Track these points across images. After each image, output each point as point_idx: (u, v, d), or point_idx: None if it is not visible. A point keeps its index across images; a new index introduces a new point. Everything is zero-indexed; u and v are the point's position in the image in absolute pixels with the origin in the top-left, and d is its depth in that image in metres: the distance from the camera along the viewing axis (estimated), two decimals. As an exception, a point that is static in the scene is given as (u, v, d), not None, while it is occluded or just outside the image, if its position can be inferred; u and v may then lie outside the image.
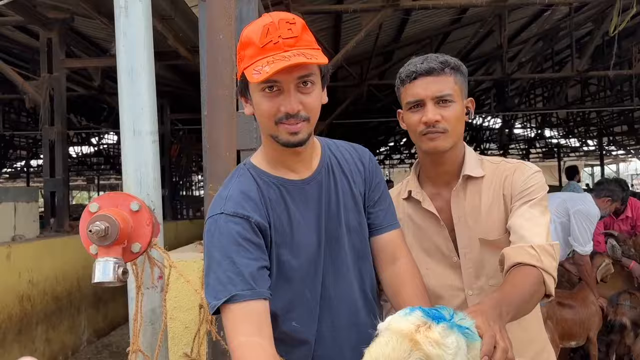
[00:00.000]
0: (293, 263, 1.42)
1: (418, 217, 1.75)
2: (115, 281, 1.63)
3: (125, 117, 1.97)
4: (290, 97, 1.32)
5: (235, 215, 1.36)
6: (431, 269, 1.71)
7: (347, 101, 10.83)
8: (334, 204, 1.50)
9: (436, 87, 1.61)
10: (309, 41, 1.35)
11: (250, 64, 1.32)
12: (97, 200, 1.74)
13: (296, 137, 1.37)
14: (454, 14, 9.48)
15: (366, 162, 1.61)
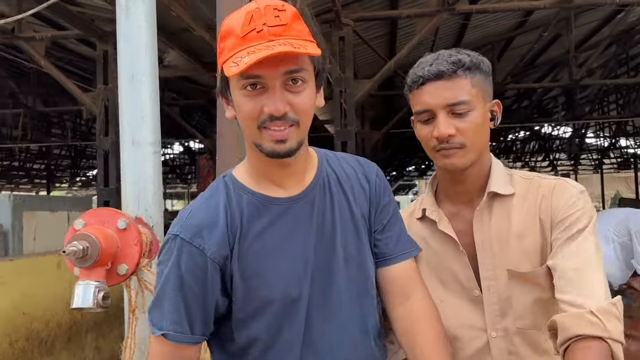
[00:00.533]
0: (266, 296, 1.19)
1: (434, 240, 1.48)
2: (95, 307, 1.48)
3: (125, 126, 1.83)
4: (275, 95, 1.11)
5: (190, 243, 1.17)
6: (447, 303, 1.44)
7: (404, 110, 10.52)
8: (329, 227, 1.26)
9: (448, 93, 1.33)
10: (300, 31, 1.13)
11: (230, 57, 1.11)
12: (83, 217, 1.61)
13: (283, 145, 1.14)
14: (518, 18, 9.04)
15: (372, 179, 1.37)
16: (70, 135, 14.67)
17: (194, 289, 1.16)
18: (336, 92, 6.47)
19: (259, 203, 1.23)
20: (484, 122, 1.38)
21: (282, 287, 1.20)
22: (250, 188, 1.25)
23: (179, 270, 1.16)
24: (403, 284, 1.34)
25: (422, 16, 6.47)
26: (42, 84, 11.31)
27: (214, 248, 1.16)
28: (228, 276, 1.19)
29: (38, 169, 22.04)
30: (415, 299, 1.33)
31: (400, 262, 1.34)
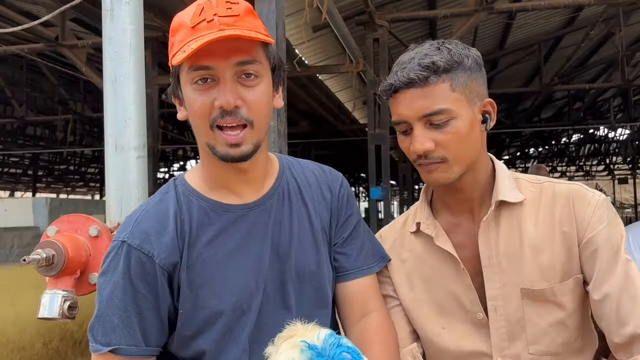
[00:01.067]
0: (215, 306, 1.11)
1: (430, 257, 1.30)
2: (60, 317, 1.44)
3: (109, 130, 1.78)
4: (226, 87, 1.03)
5: (138, 249, 1.09)
6: (448, 329, 1.27)
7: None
8: (286, 237, 1.18)
9: (422, 102, 1.15)
10: (253, 24, 1.06)
11: (179, 49, 1.04)
12: (56, 223, 1.57)
13: (237, 149, 1.06)
14: (566, 15, 8.69)
15: (335, 189, 1.27)
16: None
17: (147, 297, 1.09)
18: (370, 95, 6.36)
19: (210, 209, 1.15)
20: (471, 129, 1.18)
21: (233, 298, 1.11)
22: (201, 193, 1.17)
23: (129, 279, 1.08)
24: (361, 301, 1.24)
25: (459, 16, 6.28)
26: (91, 91, 11.68)
27: (163, 254, 1.09)
28: (175, 286, 1.11)
29: (92, 173, 22.81)
30: (373, 316, 1.23)
31: (359, 277, 1.24)
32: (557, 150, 22.12)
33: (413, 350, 1.29)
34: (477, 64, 1.22)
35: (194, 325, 1.12)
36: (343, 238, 1.25)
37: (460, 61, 1.18)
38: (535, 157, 23.41)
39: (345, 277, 1.24)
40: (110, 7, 1.80)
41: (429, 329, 1.29)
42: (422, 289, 1.31)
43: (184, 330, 1.13)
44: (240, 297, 1.12)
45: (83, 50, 7.34)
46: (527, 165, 24.23)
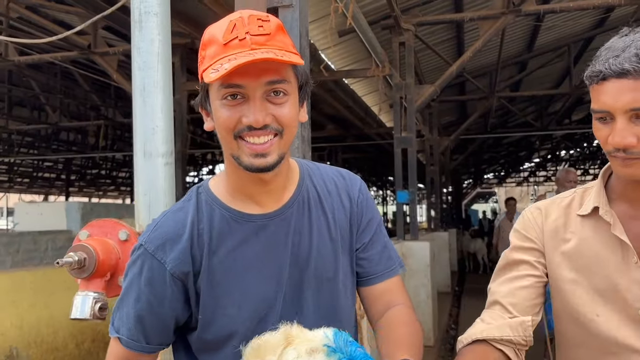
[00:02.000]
0: (235, 316, 1.14)
1: (598, 244, 1.27)
2: (91, 318, 1.49)
3: (137, 137, 1.85)
4: (255, 106, 1.05)
5: (152, 255, 1.13)
6: (603, 317, 1.25)
7: (474, 115, 10.21)
8: (305, 246, 1.20)
9: (632, 96, 1.11)
10: (283, 42, 1.08)
11: (210, 65, 1.06)
12: (87, 227, 1.63)
13: (263, 160, 1.08)
14: (596, 16, 8.56)
15: (354, 195, 1.29)
16: (149, 145, 15.30)
17: (151, 303, 1.14)
18: (396, 98, 6.36)
19: (232, 219, 1.17)
20: None
21: (252, 307, 1.15)
22: (224, 202, 1.19)
23: (140, 282, 1.14)
24: (387, 301, 1.26)
25: (486, 19, 6.24)
26: (122, 97, 11.92)
27: (174, 263, 1.13)
28: (193, 293, 1.15)
29: (123, 177, 23.23)
30: (396, 307, 1.25)
31: (385, 280, 1.27)
32: (589, 152, 21.70)
33: (525, 323, 1.27)
34: None
35: (214, 332, 1.16)
36: (364, 243, 1.27)
37: None
38: (567, 160, 23.02)
39: (370, 281, 1.27)
40: (139, 18, 1.86)
41: (582, 312, 1.27)
42: (581, 272, 1.28)
43: (204, 334, 1.17)
44: (259, 307, 1.15)
45: (114, 58, 7.51)
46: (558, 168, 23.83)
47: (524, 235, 1.36)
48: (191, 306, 1.16)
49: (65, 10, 7.20)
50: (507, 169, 26.23)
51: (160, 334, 1.17)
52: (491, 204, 38.45)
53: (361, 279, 1.28)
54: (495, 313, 1.29)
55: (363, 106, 10.28)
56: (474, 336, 1.24)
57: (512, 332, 1.24)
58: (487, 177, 30.55)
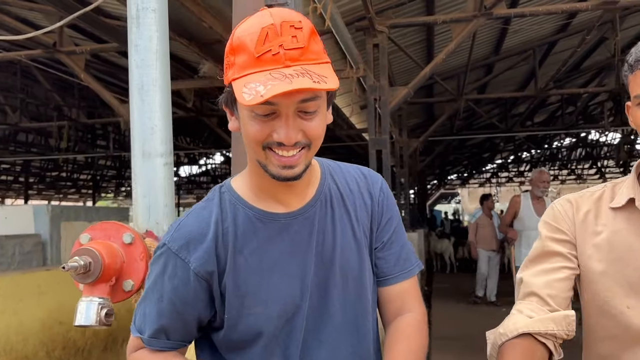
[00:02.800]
0: (261, 315, 1.13)
1: (632, 235, 1.28)
2: (97, 325, 1.44)
3: (135, 137, 1.79)
4: (288, 124, 1.03)
5: (176, 254, 1.13)
6: (633, 309, 1.25)
7: (442, 117, 10.34)
8: (329, 245, 1.19)
9: None
10: (316, 52, 1.05)
11: (241, 76, 1.02)
12: (89, 231, 1.57)
13: (291, 170, 1.07)
14: (560, 21, 8.77)
15: (375, 193, 1.28)
16: (113, 146, 14.99)
17: (174, 302, 1.13)
18: (370, 100, 6.38)
19: (256, 218, 1.16)
20: None
21: (278, 306, 1.14)
22: (247, 201, 1.18)
23: (163, 281, 1.14)
24: (399, 303, 1.27)
25: (458, 21, 6.32)
26: (85, 97, 11.63)
27: (198, 262, 1.12)
28: (218, 293, 1.13)
29: (85, 180, 22.68)
30: (404, 317, 1.25)
31: (400, 281, 1.26)
32: (550, 154, 22.27)
33: (570, 317, 1.27)
34: None
35: (241, 332, 1.15)
36: (383, 242, 1.27)
37: None
38: (528, 162, 23.58)
39: (387, 281, 1.26)
40: (137, 14, 1.80)
41: (612, 304, 1.27)
42: (612, 264, 1.28)
43: (230, 334, 1.16)
44: (285, 305, 1.14)
45: (81, 57, 7.31)
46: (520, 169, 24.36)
47: (555, 227, 1.36)
48: (216, 306, 1.14)
49: (29, 8, 6.96)
50: (471, 170, 26.69)
51: (182, 332, 1.17)
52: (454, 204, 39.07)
53: (377, 279, 1.27)
54: (534, 305, 1.28)
55: (335, 107, 10.28)
56: (519, 330, 1.22)
57: (556, 327, 1.24)
58: (451, 178, 31.02)
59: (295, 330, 1.15)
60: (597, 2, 6.13)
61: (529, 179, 5.72)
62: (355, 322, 1.21)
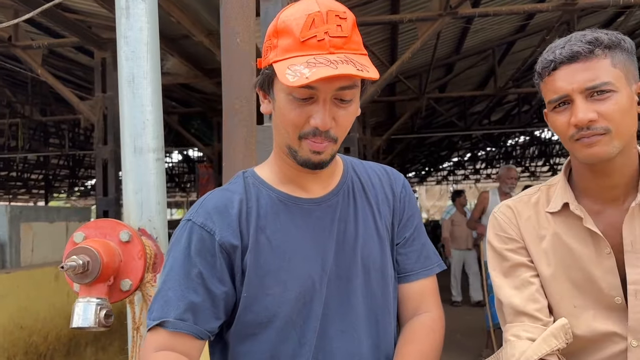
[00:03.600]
0: (279, 296, 1.12)
1: (572, 238, 1.33)
2: (96, 326, 1.38)
3: (126, 132, 1.73)
4: (325, 110, 1.06)
5: (201, 227, 1.12)
6: (580, 309, 1.31)
7: (405, 115, 10.44)
8: (351, 234, 1.20)
9: (585, 75, 1.21)
10: (357, 43, 1.09)
11: (284, 58, 1.05)
12: (83, 229, 1.50)
13: (318, 156, 1.11)
14: (519, 21, 8.97)
15: (397, 189, 1.30)
16: (68, 145, 14.54)
17: (202, 274, 1.10)
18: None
19: (279, 200, 1.18)
20: (631, 105, 1.23)
21: (297, 289, 1.13)
22: (271, 185, 1.20)
23: (189, 253, 1.11)
24: (417, 301, 1.27)
25: (424, 20, 6.39)
26: (39, 93, 11.23)
27: (223, 233, 1.12)
28: (239, 270, 1.13)
29: (36, 179, 21.92)
30: (421, 317, 1.26)
31: (420, 279, 1.27)
32: (505, 151, 22.81)
33: (566, 326, 1.30)
34: (632, 48, 1.26)
35: (255, 312, 1.13)
36: (405, 238, 1.28)
37: (619, 42, 1.24)
38: (484, 159, 24.09)
39: (405, 278, 1.27)
40: (126, 5, 1.74)
41: (562, 305, 1.32)
42: (558, 268, 1.33)
43: (245, 316, 1.14)
44: (303, 288, 1.14)
45: (38, 52, 7.05)
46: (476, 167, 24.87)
47: (506, 237, 1.41)
48: (235, 285, 1.13)
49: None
50: (429, 168, 27.10)
51: (209, 312, 1.11)
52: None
53: (397, 275, 1.28)
54: (527, 326, 1.31)
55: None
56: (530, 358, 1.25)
57: (557, 341, 1.28)
58: (409, 176, 31.39)
59: (312, 316, 1.14)
60: (557, 3, 6.30)
61: (497, 176, 5.84)
62: (376, 314, 1.21)
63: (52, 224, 5.95)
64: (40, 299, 5.25)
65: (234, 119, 1.89)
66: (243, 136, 1.89)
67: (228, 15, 1.91)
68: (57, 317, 5.48)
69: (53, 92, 10.26)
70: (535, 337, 1.28)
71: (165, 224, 1.74)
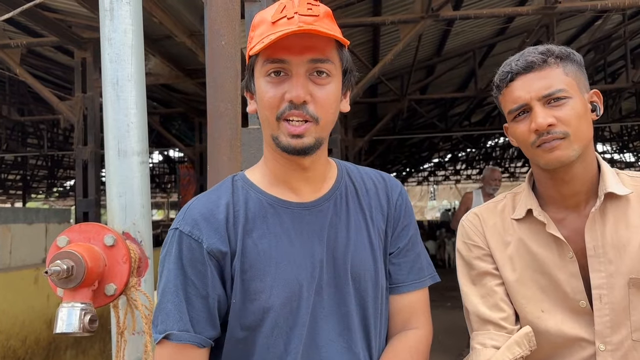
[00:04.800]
0: (265, 301, 1.11)
1: (536, 243, 1.36)
2: (81, 331, 1.37)
3: (110, 135, 1.71)
4: (298, 82, 1.06)
5: (189, 235, 1.11)
6: (547, 313, 1.33)
7: (387, 117, 10.49)
8: (342, 242, 1.17)
9: (541, 83, 1.27)
10: (331, 27, 1.09)
11: (257, 43, 1.08)
12: (67, 233, 1.49)
13: (300, 140, 1.08)
14: (499, 24, 9.07)
15: (393, 197, 1.28)
16: (46, 145, 14.35)
17: (195, 284, 1.10)
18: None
19: (268, 204, 1.16)
20: (585, 111, 1.29)
21: (283, 294, 1.11)
22: (261, 188, 1.19)
23: (181, 264, 1.11)
24: (406, 315, 1.24)
25: (406, 22, 6.43)
26: (17, 93, 11.07)
27: (210, 240, 1.10)
28: (229, 276, 1.12)
29: (13, 180, 21.59)
30: (408, 333, 1.23)
31: (411, 291, 1.25)
32: (485, 152, 23.05)
33: (529, 334, 1.32)
34: (581, 61, 1.34)
35: (243, 318, 1.12)
36: (398, 248, 1.25)
37: (569, 54, 1.32)
38: (464, 160, 24.32)
39: (396, 289, 1.24)
40: (110, 7, 1.73)
41: (528, 310, 1.34)
42: (524, 273, 1.36)
43: (234, 320, 1.13)
44: (290, 294, 1.12)
45: (17, 51, 6.95)
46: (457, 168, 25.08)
47: (472, 245, 1.44)
48: (226, 291, 1.12)
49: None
50: (410, 169, 27.26)
51: (207, 321, 1.11)
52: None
53: (389, 286, 1.25)
54: (493, 334, 1.35)
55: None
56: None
57: (521, 349, 1.30)
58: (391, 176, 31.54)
59: (298, 323, 1.12)
60: (537, 7, 6.39)
61: (482, 177, 5.89)
62: (367, 324, 1.18)
63: (30, 225, 5.87)
64: (19, 302, 5.18)
65: (219, 121, 1.89)
66: (228, 138, 1.89)
67: (213, 17, 1.90)
68: (36, 320, 5.41)
69: (31, 91, 10.12)
70: (500, 345, 1.31)
71: (150, 227, 1.73)
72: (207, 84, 1.92)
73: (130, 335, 1.62)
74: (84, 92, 6.91)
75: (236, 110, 1.91)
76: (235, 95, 1.91)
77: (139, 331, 1.63)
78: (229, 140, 1.89)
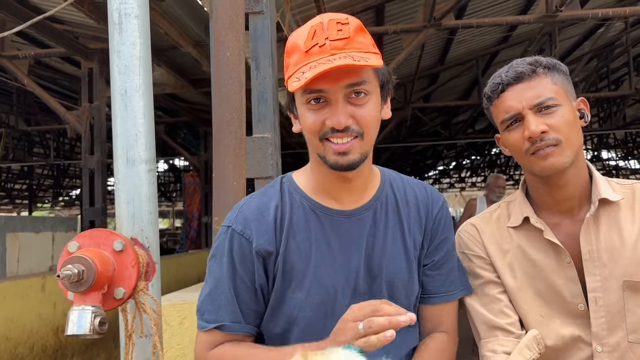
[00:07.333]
0: (300, 302, 1.17)
1: (534, 250, 1.40)
2: (91, 333, 1.41)
3: (119, 144, 1.77)
4: (337, 108, 1.10)
5: (241, 234, 1.19)
6: (547, 318, 1.37)
7: (390, 125, 10.54)
8: (379, 251, 1.22)
9: (531, 93, 1.31)
10: (363, 44, 1.12)
11: (293, 72, 1.12)
12: (77, 239, 1.54)
13: (345, 157, 1.13)
14: (502, 32, 9.13)
15: (434, 210, 1.31)
16: (52, 154, 14.46)
17: (244, 280, 1.18)
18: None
19: (311, 209, 1.22)
20: (575, 119, 1.33)
21: (319, 298, 1.17)
22: (305, 192, 1.24)
23: (232, 261, 1.18)
24: (435, 322, 1.29)
25: (409, 32, 6.50)
26: (24, 103, 11.19)
27: (259, 240, 1.17)
28: (271, 273, 1.18)
29: (19, 189, 21.73)
30: (436, 335, 1.28)
31: (442, 302, 1.29)
32: (489, 160, 23.06)
33: (537, 337, 1.36)
34: (567, 71, 1.38)
35: (280, 315, 1.19)
36: (433, 261, 1.29)
37: (555, 64, 1.36)
38: (469, 168, 24.33)
39: (429, 299, 1.29)
40: (119, 20, 1.79)
41: (530, 316, 1.38)
42: (523, 279, 1.40)
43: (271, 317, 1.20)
44: (326, 297, 1.18)
45: (24, 62, 7.05)
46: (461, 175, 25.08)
47: (472, 254, 1.48)
48: (269, 288, 1.19)
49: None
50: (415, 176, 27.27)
51: (254, 313, 1.20)
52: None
53: (421, 296, 1.29)
54: (502, 339, 1.38)
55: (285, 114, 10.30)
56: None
57: (531, 352, 1.34)
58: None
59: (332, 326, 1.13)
60: (539, 15, 6.45)
61: (485, 184, 5.91)
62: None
63: (38, 234, 5.94)
64: (27, 310, 5.23)
65: (224, 130, 1.94)
66: (233, 147, 1.94)
67: (218, 29, 1.96)
68: (43, 327, 5.46)
69: (38, 101, 10.23)
70: (510, 351, 1.34)
71: (157, 233, 1.77)
72: (213, 93, 1.97)
73: (138, 338, 1.67)
74: (90, 102, 7.00)
75: (241, 119, 1.96)
76: (240, 104, 1.97)
77: (146, 334, 1.67)
78: (234, 149, 1.94)
